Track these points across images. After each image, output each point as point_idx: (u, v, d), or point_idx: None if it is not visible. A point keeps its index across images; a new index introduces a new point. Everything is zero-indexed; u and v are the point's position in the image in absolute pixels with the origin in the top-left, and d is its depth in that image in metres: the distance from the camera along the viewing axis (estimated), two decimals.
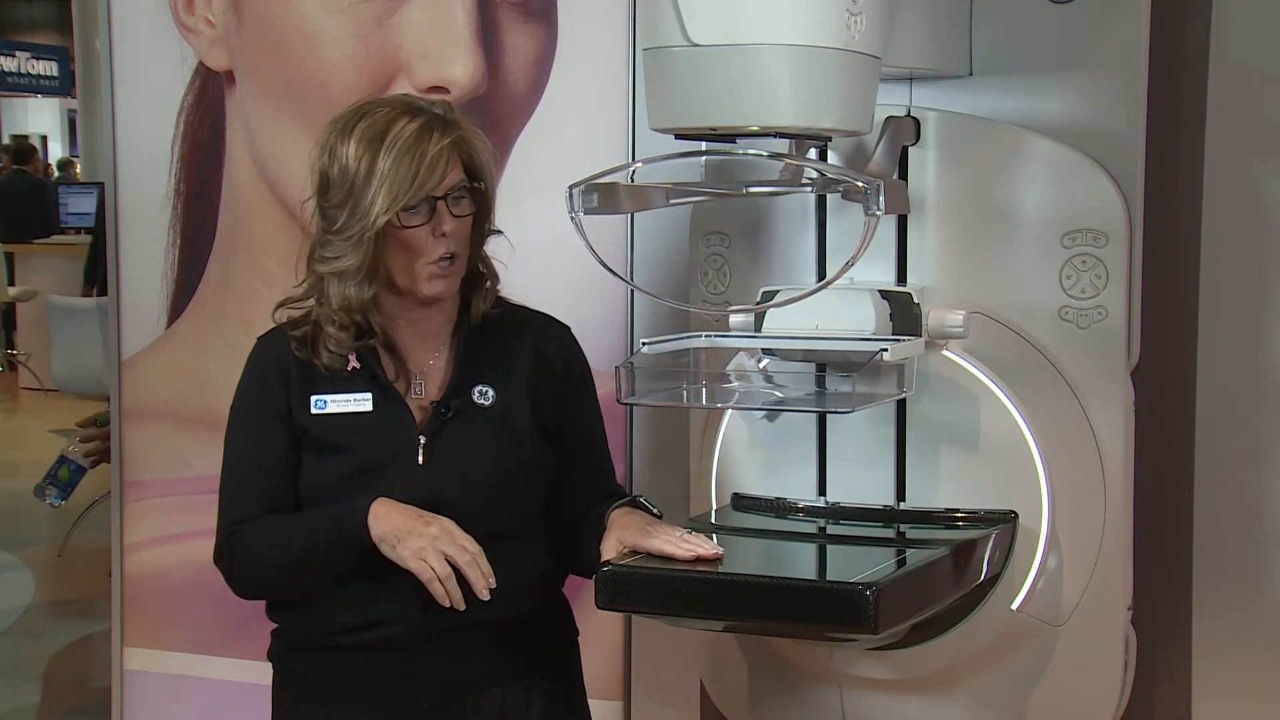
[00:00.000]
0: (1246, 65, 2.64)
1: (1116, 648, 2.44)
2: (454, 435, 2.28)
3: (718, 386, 2.40)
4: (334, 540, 2.22)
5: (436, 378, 2.32)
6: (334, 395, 2.28)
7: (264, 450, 2.30)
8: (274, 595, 2.35)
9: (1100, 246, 2.36)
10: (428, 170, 2.18)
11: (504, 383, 2.32)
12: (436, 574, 2.16)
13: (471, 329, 2.33)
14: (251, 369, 2.35)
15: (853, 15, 2.03)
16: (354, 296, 2.23)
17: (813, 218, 2.51)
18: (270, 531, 2.27)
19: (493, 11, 3.16)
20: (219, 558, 2.31)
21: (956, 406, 2.39)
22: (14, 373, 11.82)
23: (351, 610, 2.26)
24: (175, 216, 3.58)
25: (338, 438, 2.27)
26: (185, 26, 3.48)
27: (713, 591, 2.11)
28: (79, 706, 4.96)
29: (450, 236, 2.22)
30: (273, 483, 2.29)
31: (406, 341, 2.31)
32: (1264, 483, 2.68)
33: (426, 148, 2.18)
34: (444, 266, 2.23)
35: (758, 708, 2.67)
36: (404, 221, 2.19)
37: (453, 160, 2.22)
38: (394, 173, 2.17)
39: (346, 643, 2.28)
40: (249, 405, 2.33)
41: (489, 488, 2.27)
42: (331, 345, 2.27)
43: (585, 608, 2.28)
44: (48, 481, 4.39)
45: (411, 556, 2.17)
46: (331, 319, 2.25)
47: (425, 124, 2.20)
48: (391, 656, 2.27)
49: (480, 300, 2.33)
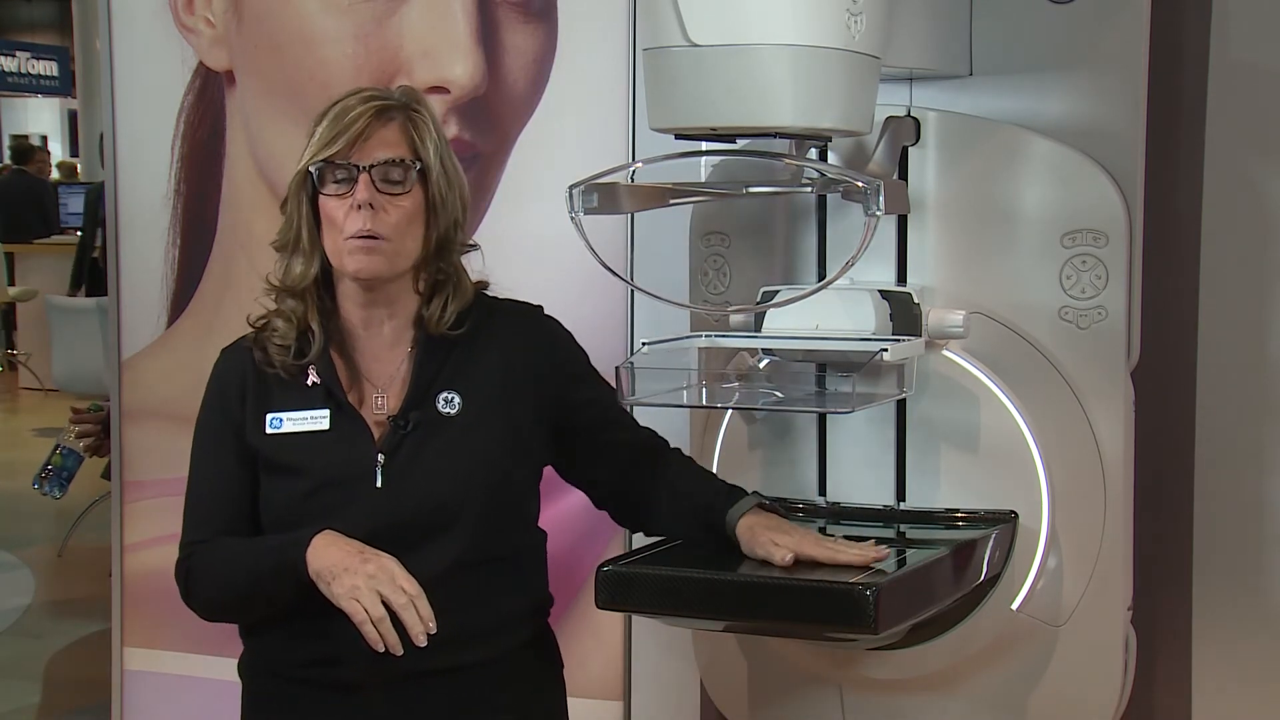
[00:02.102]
0: (1246, 65, 2.64)
1: (1116, 648, 2.44)
2: (415, 452, 2.18)
3: (718, 386, 2.40)
4: (275, 569, 2.13)
5: (396, 390, 2.22)
6: (290, 413, 2.20)
7: (220, 470, 2.23)
8: (228, 619, 2.29)
9: (1100, 246, 2.36)
10: (349, 132, 2.13)
11: (472, 387, 2.22)
12: (369, 616, 2.04)
13: (430, 336, 2.23)
14: (213, 384, 2.28)
15: (853, 15, 2.03)
16: (297, 274, 2.18)
17: (813, 218, 2.51)
18: (222, 557, 2.20)
19: (493, 11, 3.16)
20: (177, 576, 2.25)
21: (956, 407, 2.39)
22: (14, 373, 11.81)
23: (305, 645, 2.17)
24: (175, 216, 3.58)
25: (293, 458, 2.19)
26: (185, 26, 3.49)
27: (713, 591, 2.11)
28: (79, 706, 4.96)
29: (373, 214, 2.13)
30: (229, 503, 2.22)
31: (366, 351, 2.23)
32: (1264, 483, 2.68)
33: (357, 112, 2.15)
34: (364, 243, 2.13)
35: (758, 708, 2.66)
36: (323, 187, 2.15)
37: (388, 133, 2.16)
38: (321, 134, 2.15)
39: (302, 676, 2.20)
40: (209, 423, 2.27)
41: (455, 510, 2.16)
42: (281, 322, 2.21)
43: (585, 607, 2.28)
44: (45, 472, 4.38)
45: (344, 596, 2.05)
46: (279, 311, 2.21)
47: (368, 98, 2.18)
48: (346, 697, 2.17)
49: (437, 307, 2.22)
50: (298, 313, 2.22)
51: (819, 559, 2.12)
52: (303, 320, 2.22)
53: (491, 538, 2.20)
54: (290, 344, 2.21)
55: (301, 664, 2.20)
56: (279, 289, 2.22)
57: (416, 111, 2.21)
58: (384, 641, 2.05)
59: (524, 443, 2.26)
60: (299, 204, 2.19)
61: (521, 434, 2.25)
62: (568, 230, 2.20)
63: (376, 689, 2.16)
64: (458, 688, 2.19)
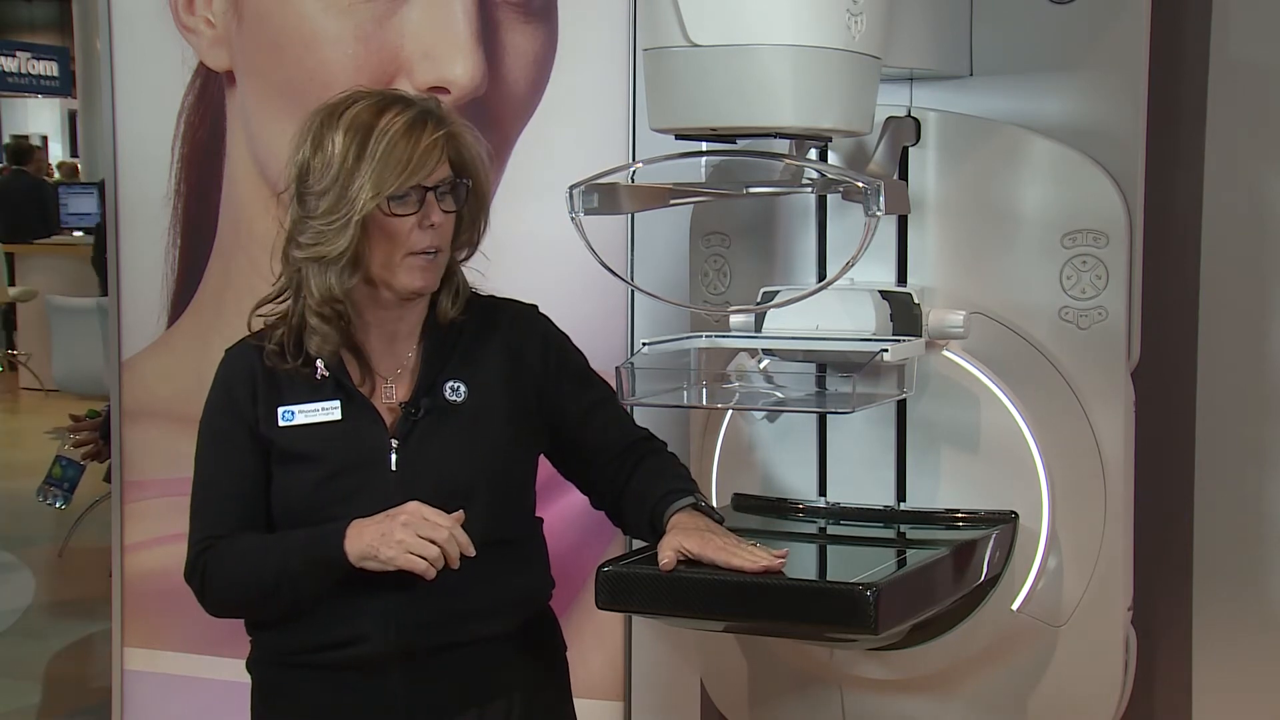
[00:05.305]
0: (1246, 65, 2.64)
1: (1116, 648, 2.44)
2: (426, 436, 2.23)
3: (718, 387, 2.40)
4: (308, 566, 2.17)
5: (406, 379, 2.27)
6: (301, 406, 2.23)
7: (233, 465, 2.25)
8: (246, 616, 2.31)
9: (1100, 247, 2.36)
10: (420, 159, 2.15)
11: (476, 378, 2.27)
12: (428, 560, 2.11)
13: (439, 327, 2.28)
14: (219, 383, 2.30)
15: (853, 15, 2.03)
16: (335, 285, 2.18)
17: (813, 218, 2.51)
18: (242, 553, 2.22)
19: (493, 12, 3.16)
20: (190, 576, 2.25)
21: (957, 407, 2.39)
22: (14, 373, 11.81)
23: (324, 628, 2.21)
24: (175, 216, 3.58)
25: (307, 447, 2.22)
26: (185, 26, 3.48)
27: (713, 591, 2.11)
28: (79, 706, 4.96)
29: (436, 230, 2.19)
30: (243, 498, 2.24)
31: (375, 346, 2.27)
32: (1264, 483, 2.68)
33: (421, 136, 2.16)
34: (427, 259, 2.19)
35: (758, 708, 2.67)
36: (393, 210, 2.15)
37: (443, 154, 2.19)
38: (385, 158, 2.13)
39: (318, 661, 2.23)
40: (217, 420, 2.29)
41: (467, 492, 2.21)
42: (318, 340, 2.22)
43: (585, 608, 2.28)
44: (48, 484, 4.40)
45: (398, 555, 2.11)
46: (315, 312, 2.21)
47: (418, 114, 2.18)
48: (365, 677, 2.22)
49: (448, 299, 2.28)
50: (339, 311, 2.21)
51: (717, 562, 2.11)
52: (344, 318, 2.22)
53: (499, 519, 2.25)
54: (334, 346, 2.23)
55: (321, 648, 2.23)
56: (324, 300, 2.19)
57: (449, 120, 2.22)
58: (445, 561, 2.12)
59: (523, 433, 2.31)
60: (361, 224, 2.15)
61: (520, 424, 2.30)
62: (568, 230, 2.20)
63: (393, 666, 2.22)
64: (470, 664, 2.25)
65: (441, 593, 2.16)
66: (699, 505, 2.23)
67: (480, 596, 2.22)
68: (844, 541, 2.43)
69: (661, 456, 2.36)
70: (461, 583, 2.17)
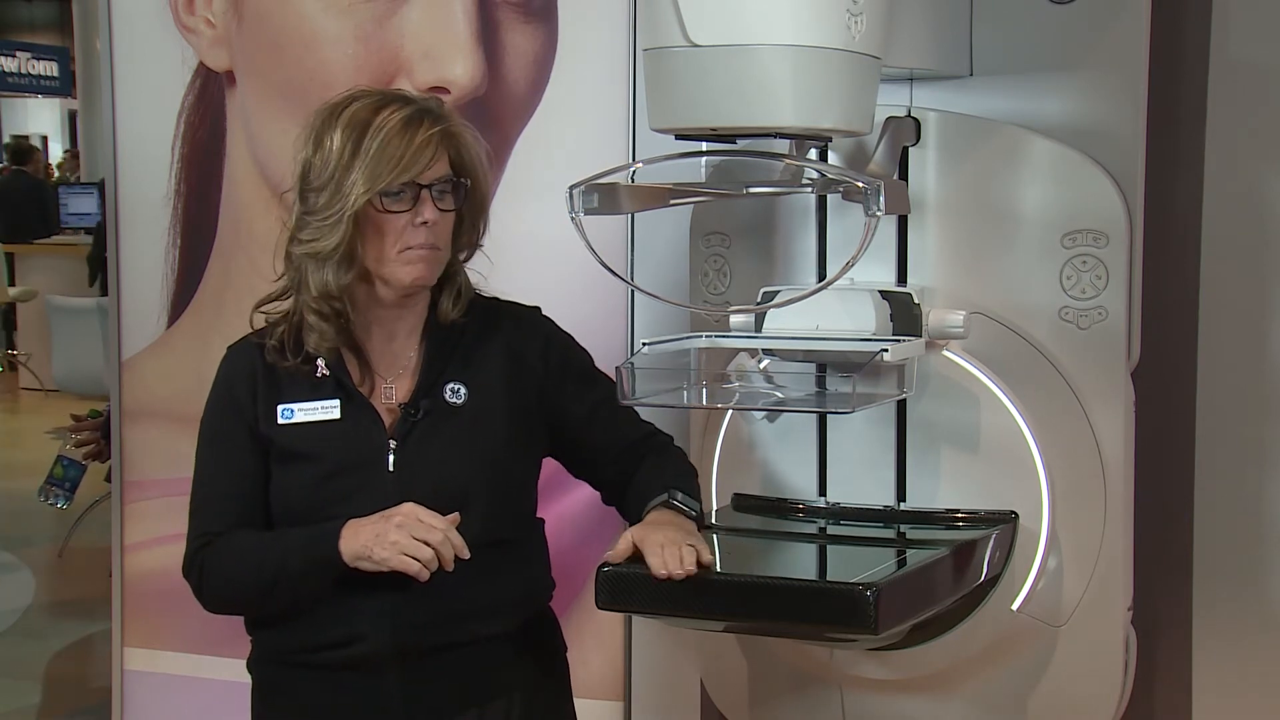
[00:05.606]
0: (1246, 65, 2.64)
1: (1116, 648, 2.44)
2: (425, 438, 2.23)
3: (718, 387, 2.40)
4: (305, 565, 2.18)
5: (406, 380, 2.27)
6: (300, 404, 2.24)
7: (233, 463, 2.26)
8: (243, 613, 2.31)
9: (1100, 247, 2.36)
10: (414, 155, 2.15)
11: (476, 380, 2.28)
12: (422, 562, 2.11)
13: (440, 328, 2.29)
14: (220, 381, 2.31)
15: (853, 15, 2.03)
16: (332, 282, 2.18)
17: (813, 218, 2.51)
18: (240, 550, 2.22)
19: (493, 12, 3.16)
20: (188, 572, 2.27)
21: (956, 407, 2.39)
22: (14, 373, 11.81)
23: (322, 628, 2.22)
24: (175, 216, 3.58)
25: (306, 446, 2.23)
26: (185, 26, 3.48)
27: (713, 592, 2.11)
28: (79, 706, 4.96)
29: (431, 228, 2.19)
30: (243, 498, 2.25)
31: (375, 346, 2.27)
32: (1264, 483, 2.68)
33: (416, 133, 2.16)
34: (423, 253, 2.19)
35: (758, 708, 2.67)
36: (386, 206, 2.16)
37: (440, 151, 2.19)
38: (379, 154, 2.14)
39: (317, 661, 2.24)
40: (218, 418, 2.29)
41: (464, 493, 2.22)
42: (316, 336, 2.22)
43: (585, 608, 2.28)
44: (49, 483, 4.40)
45: (391, 556, 2.11)
46: (313, 309, 2.21)
47: (414, 112, 2.18)
48: (363, 677, 2.23)
49: (450, 300, 2.29)
50: (336, 308, 2.21)
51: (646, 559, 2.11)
52: (342, 316, 2.22)
53: (497, 520, 2.25)
54: (331, 343, 2.23)
55: (319, 647, 2.23)
56: (321, 296, 2.20)
57: (448, 118, 2.22)
58: (442, 563, 2.12)
59: (523, 435, 2.31)
60: (354, 219, 2.16)
61: (521, 426, 2.30)
62: (568, 230, 2.20)
63: (391, 666, 2.22)
64: (470, 664, 2.26)
65: (440, 593, 2.17)
66: (672, 501, 2.24)
67: (479, 596, 2.22)
68: (844, 541, 2.43)
69: (665, 454, 2.37)
70: (460, 583, 2.17)
